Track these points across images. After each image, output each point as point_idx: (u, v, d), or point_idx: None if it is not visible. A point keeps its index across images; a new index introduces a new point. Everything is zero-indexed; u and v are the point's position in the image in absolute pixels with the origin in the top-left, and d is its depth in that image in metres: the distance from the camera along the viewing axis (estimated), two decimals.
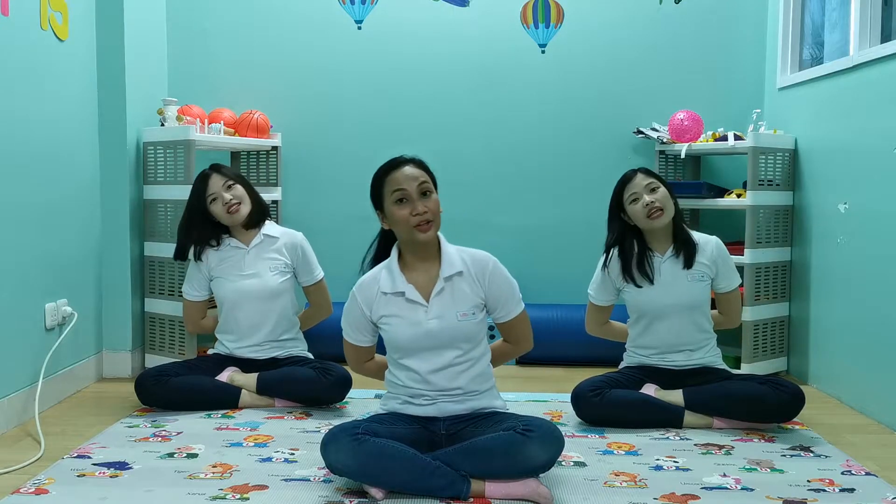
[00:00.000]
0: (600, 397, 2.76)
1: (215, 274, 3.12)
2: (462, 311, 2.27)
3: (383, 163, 2.34)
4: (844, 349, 3.20)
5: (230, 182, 3.09)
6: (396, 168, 2.28)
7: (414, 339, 2.26)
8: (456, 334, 2.27)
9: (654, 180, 2.82)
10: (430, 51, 4.07)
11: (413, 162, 2.31)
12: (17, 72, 2.84)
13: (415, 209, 2.23)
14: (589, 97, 4.07)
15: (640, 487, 2.23)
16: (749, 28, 4.02)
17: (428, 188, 2.26)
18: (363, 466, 2.10)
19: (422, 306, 2.27)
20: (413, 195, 2.24)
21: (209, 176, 3.10)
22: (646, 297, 2.84)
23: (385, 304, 2.30)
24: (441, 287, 2.28)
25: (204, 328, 3.27)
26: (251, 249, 3.12)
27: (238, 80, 4.08)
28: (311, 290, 3.22)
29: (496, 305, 2.35)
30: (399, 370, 2.33)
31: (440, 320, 2.26)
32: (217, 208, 3.06)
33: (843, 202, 3.23)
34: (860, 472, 2.37)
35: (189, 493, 2.16)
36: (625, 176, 2.88)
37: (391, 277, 2.31)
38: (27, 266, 2.91)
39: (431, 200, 2.26)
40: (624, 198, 2.84)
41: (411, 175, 2.26)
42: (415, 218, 2.23)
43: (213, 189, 3.06)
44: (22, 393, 2.84)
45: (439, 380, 2.27)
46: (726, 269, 2.89)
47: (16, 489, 2.18)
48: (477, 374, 2.31)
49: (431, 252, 2.32)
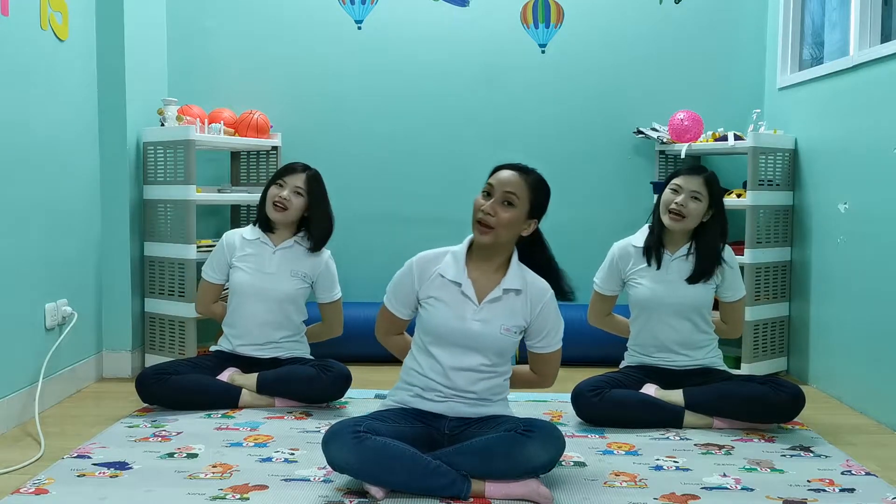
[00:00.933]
0: (600, 397, 2.76)
1: (237, 263, 3.09)
2: (507, 325, 2.27)
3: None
4: (844, 349, 3.20)
5: (301, 189, 3.06)
6: (505, 168, 2.30)
7: (452, 332, 2.26)
8: (492, 343, 2.27)
9: (704, 193, 2.78)
10: (429, 51, 4.07)
11: (524, 172, 2.29)
12: (17, 72, 2.84)
13: (485, 206, 2.23)
14: (589, 97, 4.07)
15: (640, 487, 2.23)
16: (749, 28, 4.02)
17: (512, 199, 2.24)
18: (364, 464, 2.10)
19: (473, 304, 2.27)
20: (495, 195, 2.24)
21: (295, 169, 3.10)
22: (649, 293, 2.84)
23: (438, 287, 2.29)
24: (498, 295, 2.27)
25: (213, 313, 3.22)
26: (278, 251, 3.10)
27: (238, 80, 4.08)
28: (327, 307, 3.19)
29: (538, 335, 2.34)
30: (423, 356, 2.31)
31: (483, 325, 2.26)
32: (272, 192, 3.06)
33: (843, 202, 3.23)
34: (860, 472, 2.37)
35: (189, 493, 2.16)
36: (690, 168, 2.89)
37: (455, 264, 2.30)
38: (27, 266, 2.91)
39: (508, 211, 2.24)
40: (671, 182, 2.84)
41: (507, 180, 2.26)
42: (480, 213, 2.23)
43: (288, 180, 3.07)
44: (22, 393, 2.84)
45: (459, 379, 2.27)
46: (734, 278, 2.89)
47: (16, 489, 2.18)
48: (495, 385, 2.31)
49: (499, 260, 2.32)
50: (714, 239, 2.82)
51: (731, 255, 2.89)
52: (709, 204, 2.81)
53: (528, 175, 2.29)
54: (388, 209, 4.10)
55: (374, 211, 4.06)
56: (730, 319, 2.98)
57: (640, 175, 4.04)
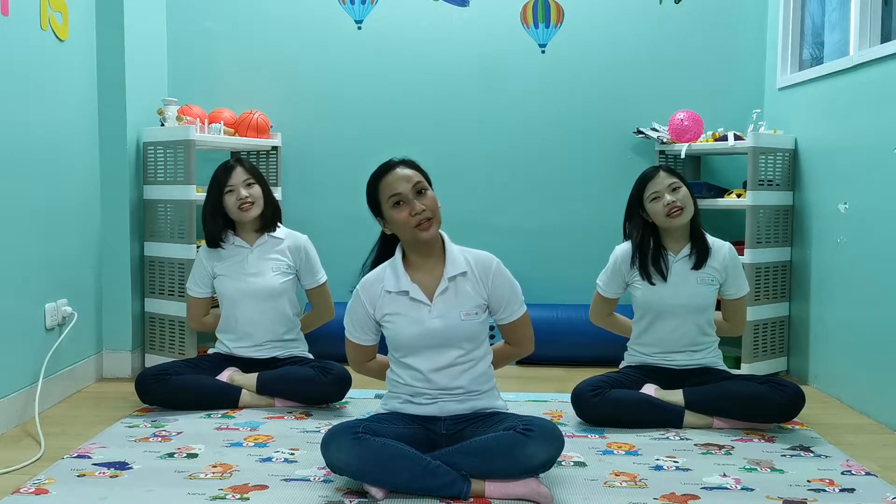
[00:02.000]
0: (600, 397, 2.75)
1: (218, 272, 3.12)
2: (465, 310, 2.28)
3: (374, 169, 2.33)
4: (844, 349, 3.20)
5: (251, 180, 3.09)
6: (388, 172, 2.29)
7: (417, 338, 2.27)
8: (458, 334, 2.27)
9: (677, 180, 2.82)
10: (429, 51, 4.07)
11: (404, 163, 2.31)
12: (17, 72, 2.84)
13: (413, 209, 2.23)
14: (589, 97, 4.07)
15: (640, 487, 2.23)
16: (749, 28, 4.02)
17: (423, 186, 2.27)
18: (363, 465, 2.10)
19: (425, 305, 2.28)
20: (409, 196, 2.24)
21: (233, 168, 3.10)
22: (654, 296, 2.84)
23: (389, 303, 2.31)
24: (445, 287, 2.29)
25: (206, 325, 3.26)
26: (255, 249, 3.13)
27: (238, 80, 4.08)
28: (314, 293, 3.22)
29: (499, 307, 2.35)
30: (401, 369, 2.33)
31: (443, 319, 2.26)
32: (230, 201, 3.07)
33: (843, 202, 3.23)
34: (860, 472, 2.36)
35: (189, 493, 2.16)
36: (646, 174, 2.87)
37: (395, 276, 2.31)
38: (27, 266, 2.91)
39: (428, 198, 2.26)
40: (645, 195, 2.84)
41: (404, 176, 2.26)
42: (414, 218, 2.23)
43: (234, 181, 3.07)
44: (22, 393, 2.84)
45: (441, 378, 2.27)
46: (736, 276, 2.89)
47: (16, 489, 2.18)
48: (478, 374, 2.31)
49: (435, 251, 2.33)
50: (696, 217, 2.85)
51: (733, 253, 2.90)
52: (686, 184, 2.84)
53: (405, 161, 2.32)
54: None
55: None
56: (732, 317, 2.99)
57: None
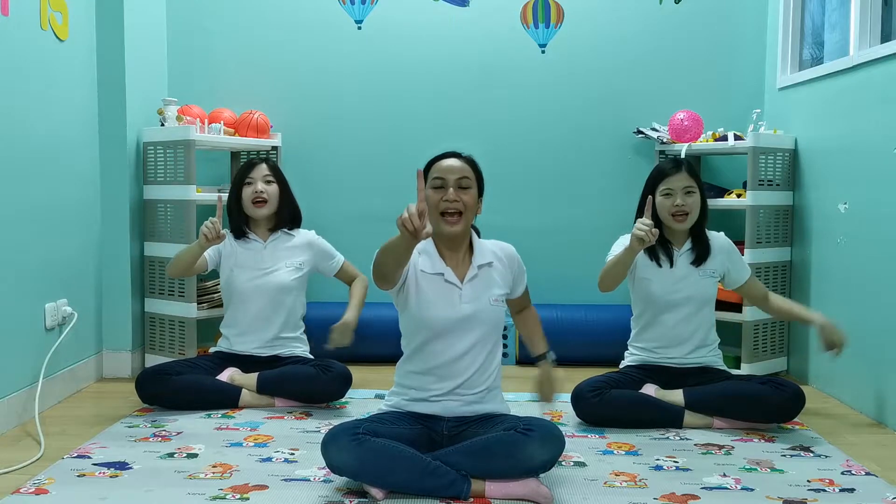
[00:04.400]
0: (600, 397, 2.75)
1: (226, 261, 3.14)
2: (494, 296, 2.32)
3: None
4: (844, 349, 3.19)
5: (270, 177, 3.16)
6: (445, 158, 2.34)
7: (447, 321, 2.27)
8: (487, 319, 2.30)
9: (693, 184, 2.81)
10: (430, 51, 4.07)
11: (463, 157, 2.35)
12: (17, 72, 2.84)
13: (446, 196, 2.24)
14: (589, 97, 4.07)
15: (640, 487, 2.23)
16: (749, 28, 4.02)
17: (467, 183, 2.29)
18: (363, 466, 2.10)
19: (458, 289, 2.29)
20: (449, 184, 2.26)
21: (258, 163, 3.19)
22: (658, 287, 2.84)
23: (423, 277, 2.31)
24: (474, 273, 2.32)
25: (185, 270, 3.01)
26: (268, 244, 3.16)
27: (238, 80, 4.08)
28: (341, 275, 3.29)
29: (516, 288, 2.44)
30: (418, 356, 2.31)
31: (474, 304, 2.29)
32: (247, 193, 3.13)
33: (843, 202, 3.23)
34: (860, 472, 2.37)
35: (189, 493, 2.16)
36: (665, 168, 2.86)
37: (430, 259, 2.32)
38: (27, 266, 2.91)
39: (467, 194, 2.28)
40: (658, 188, 2.84)
41: (455, 167, 2.30)
42: (443, 204, 2.25)
43: (254, 174, 3.14)
44: (22, 393, 2.84)
45: (457, 367, 2.27)
46: (737, 260, 2.91)
47: (16, 489, 2.18)
48: (490, 370, 2.32)
49: (462, 248, 2.35)
50: (701, 219, 2.86)
51: (728, 241, 2.92)
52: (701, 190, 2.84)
53: (467, 158, 2.35)
54: (388, 209, 4.05)
55: (373, 211, 4.05)
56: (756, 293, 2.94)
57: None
